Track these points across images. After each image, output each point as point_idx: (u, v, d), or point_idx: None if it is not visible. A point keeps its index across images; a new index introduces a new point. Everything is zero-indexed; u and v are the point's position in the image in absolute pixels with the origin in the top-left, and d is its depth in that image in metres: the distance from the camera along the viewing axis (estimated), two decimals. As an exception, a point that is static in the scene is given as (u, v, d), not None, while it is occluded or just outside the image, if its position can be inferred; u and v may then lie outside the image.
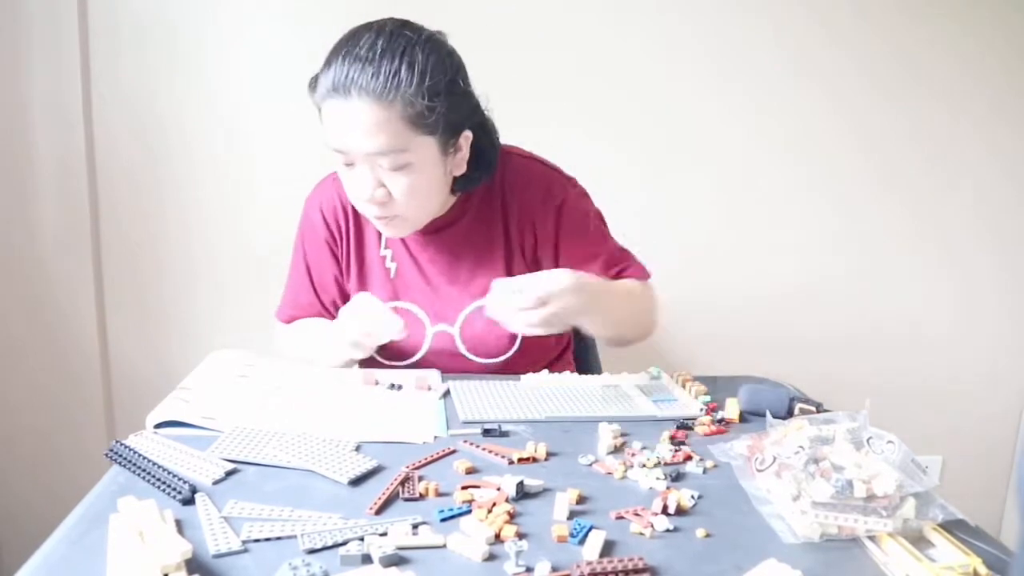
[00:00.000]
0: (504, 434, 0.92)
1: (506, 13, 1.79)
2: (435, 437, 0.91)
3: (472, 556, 0.65)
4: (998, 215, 2.01)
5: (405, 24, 1.07)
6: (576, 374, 1.15)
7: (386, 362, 1.22)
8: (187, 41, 1.75)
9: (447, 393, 1.05)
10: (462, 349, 1.21)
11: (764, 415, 0.87)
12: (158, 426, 0.90)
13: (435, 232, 1.20)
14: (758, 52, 1.87)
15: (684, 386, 1.10)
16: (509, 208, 1.20)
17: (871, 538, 0.70)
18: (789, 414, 0.98)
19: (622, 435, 0.91)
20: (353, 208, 1.20)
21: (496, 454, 0.86)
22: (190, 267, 1.85)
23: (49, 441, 1.86)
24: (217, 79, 1.78)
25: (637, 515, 0.73)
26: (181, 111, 1.77)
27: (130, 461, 0.79)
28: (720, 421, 0.99)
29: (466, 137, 1.11)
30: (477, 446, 0.88)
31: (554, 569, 0.63)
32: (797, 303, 2.02)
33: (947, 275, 2.04)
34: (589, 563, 0.63)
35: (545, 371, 1.14)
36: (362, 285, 1.24)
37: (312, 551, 0.65)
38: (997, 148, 1.98)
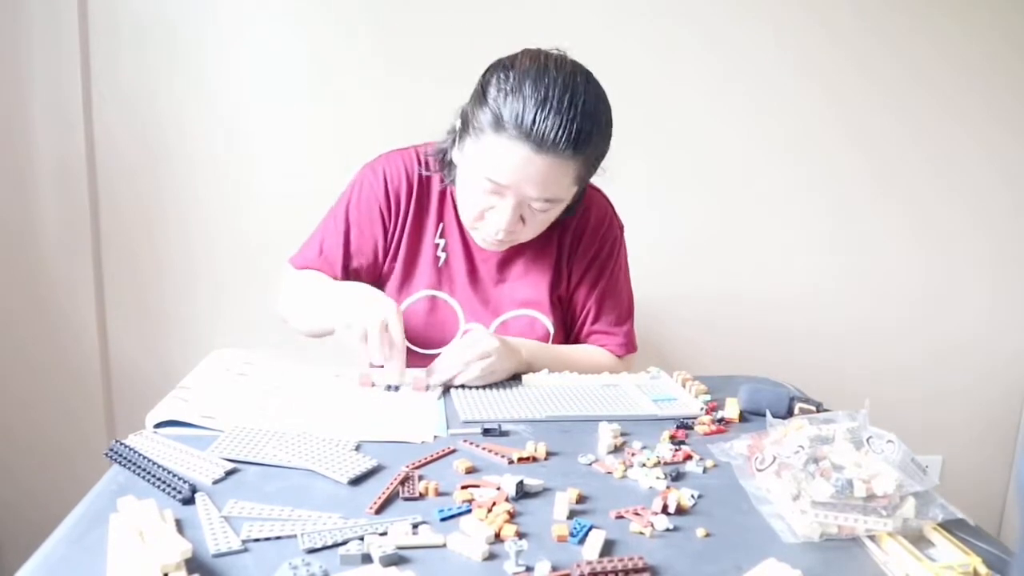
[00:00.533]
0: (504, 434, 0.92)
1: (505, 14, 1.79)
2: (435, 437, 0.91)
3: (472, 556, 0.65)
4: (997, 216, 2.02)
5: (588, 74, 1.06)
6: (576, 374, 1.15)
7: (410, 345, 1.21)
8: (187, 41, 1.75)
9: (446, 391, 1.05)
10: None
11: (764, 415, 0.87)
12: (158, 426, 0.90)
13: None
14: (758, 53, 1.88)
15: (684, 385, 1.10)
16: (564, 228, 1.23)
17: (871, 538, 0.70)
18: (789, 414, 0.98)
19: (622, 435, 0.91)
20: (418, 188, 1.21)
21: (496, 454, 0.86)
22: (190, 267, 1.85)
23: (49, 440, 1.86)
24: (217, 79, 1.78)
25: (637, 515, 0.73)
26: (181, 111, 1.78)
27: (130, 461, 0.79)
28: (720, 421, 0.99)
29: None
30: (477, 446, 0.88)
31: (554, 569, 0.63)
32: (796, 303, 2.02)
33: (947, 275, 2.04)
34: (589, 563, 0.63)
35: (545, 371, 1.15)
36: (407, 266, 1.22)
37: (312, 551, 0.65)
38: (995, 149, 1.98)
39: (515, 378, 1.12)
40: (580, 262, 1.25)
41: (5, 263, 1.78)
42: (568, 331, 1.31)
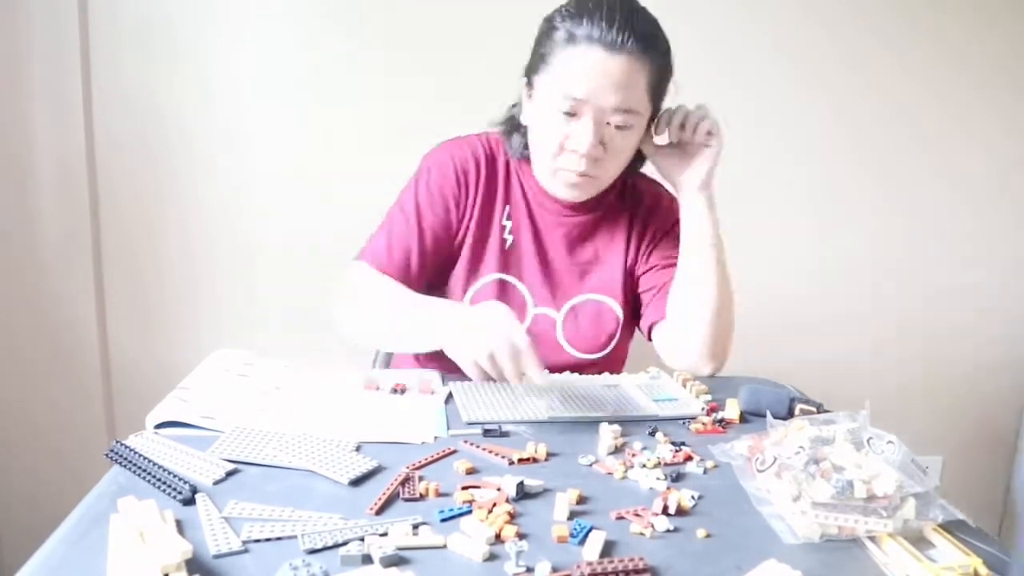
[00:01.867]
0: (504, 434, 0.92)
1: (504, 14, 1.78)
2: (435, 438, 0.91)
3: (472, 556, 0.65)
4: (997, 216, 2.02)
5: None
6: (577, 374, 1.15)
7: None
8: (187, 40, 1.75)
9: (450, 397, 1.05)
10: (560, 337, 1.21)
11: (764, 415, 0.87)
12: (158, 427, 0.90)
13: (574, 213, 1.20)
14: (757, 53, 1.88)
15: (684, 385, 1.10)
16: (634, 215, 1.23)
17: (871, 538, 0.70)
18: (789, 414, 0.98)
19: (622, 435, 0.91)
20: (486, 170, 1.19)
21: (496, 454, 0.86)
22: (190, 267, 1.85)
23: (49, 441, 1.86)
24: (217, 79, 1.78)
25: (637, 515, 0.73)
26: (181, 110, 1.78)
27: (130, 461, 0.79)
28: (720, 421, 0.99)
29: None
30: (477, 446, 0.88)
31: (554, 569, 0.63)
32: (796, 303, 2.02)
33: (946, 275, 2.04)
34: (589, 563, 0.63)
35: (545, 370, 1.15)
36: (475, 250, 1.19)
37: (312, 551, 0.65)
38: (997, 150, 1.98)
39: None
40: (650, 238, 1.23)
41: (5, 263, 1.78)
42: (636, 313, 1.27)
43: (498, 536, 0.68)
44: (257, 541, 0.67)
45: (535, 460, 0.85)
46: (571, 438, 0.92)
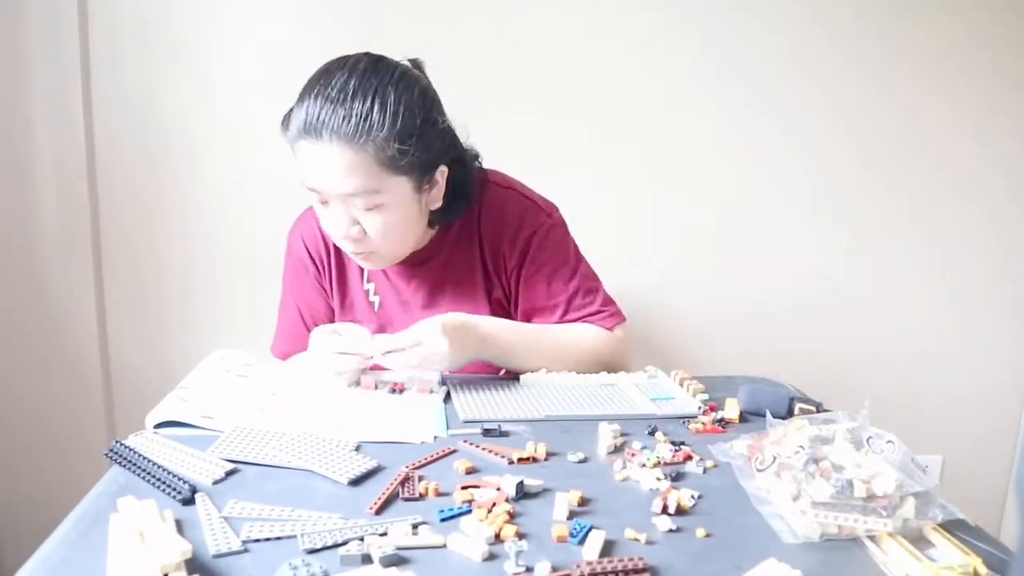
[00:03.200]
0: (504, 434, 0.92)
1: (504, 15, 1.79)
2: (435, 437, 0.91)
3: (472, 556, 0.65)
4: (998, 216, 2.01)
5: (379, 60, 1.06)
6: (575, 374, 1.15)
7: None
8: (187, 41, 1.75)
9: (448, 397, 1.05)
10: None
11: (764, 415, 0.87)
12: (158, 426, 0.90)
13: (417, 264, 1.21)
14: (755, 52, 1.87)
15: (682, 384, 1.10)
16: (484, 238, 1.21)
17: (871, 538, 0.70)
18: (789, 414, 0.98)
19: (622, 435, 0.91)
20: (333, 243, 1.20)
21: (496, 454, 0.86)
22: (190, 267, 1.85)
23: (49, 441, 1.86)
24: (217, 79, 1.77)
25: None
26: (181, 111, 1.77)
27: (130, 461, 0.79)
28: (720, 421, 0.99)
29: (441, 172, 1.11)
30: (477, 446, 0.88)
31: (554, 569, 0.63)
32: (796, 303, 2.01)
33: (947, 275, 2.04)
34: (589, 563, 0.63)
35: (543, 370, 1.15)
36: (346, 314, 1.25)
37: (312, 551, 0.65)
38: (999, 148, 1.98)
39: (515, 378, 1.12)
40: (508, 264, 1.21)
41: (5, 263, 1.78)
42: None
43: (498, 536, 0.68)
44: (257, 541, 0.67)
45: (535, 460, 0.85)
46: (571, 438, 0.92)
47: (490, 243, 1.20)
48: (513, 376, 1.13)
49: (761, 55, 1.88)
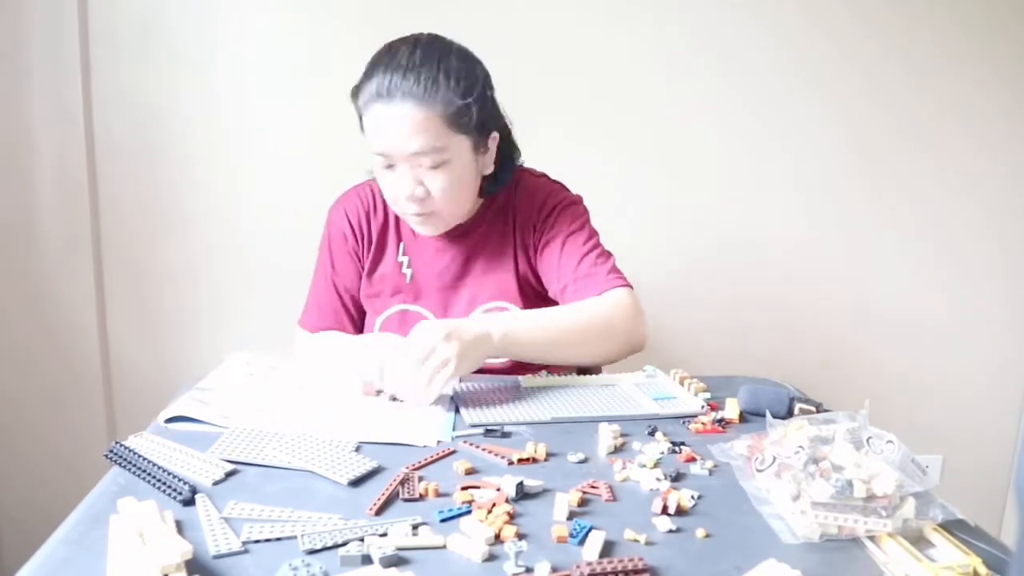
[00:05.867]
0: (506, 435, 0.92)
1: (503, 15, 1.79)
2: (438, 441, 0.90)
3: (472, 556, 0.65)
4: (994, 213, 2.02)
5: (437, 37, 1.18)
6: (575, 374, 1.15)
7: None
8: (187, 41, 1.75)
9: (455, 408, 1.02)
10: None
11: (764, 415, 0.87)
12: (169, 420, 0.91)
13: (458, 236, 1.26)
14: (754, 52, 1.87)
15: (682, 384, 1.10)
16: (517, 216, 1.28)
17: (871, 538, 0.70)
18: (789, 414, 0.98)
19: (622, 435, 0.91)
20: (376, 216, 1.29)
21: (496, 454, 0.86)
22: (190, 267, 1.85)
23: (49, 441, 1.86)
24: (217, 79, 1.78)
25: (593, 487, 0.78)
26: (181, 111, 1.78)
27: (130, 462, 0.79)
28: (720, 421, 0.99)
29: (493, 138, 1.21)
30: (477, 447, 0.88)
31: (554, 569, 0.63)
32: (796, 303, 2.01)
33: (946, 275, 2.04)
34: (589, 563, 0.63)
35: (544, 372, 1.15)
36: (377, 286, 1.29)
37: (312, 552, 0.65)
38: (999, 149, 1.98)
39: (514, 379, 1.12)
40: (533, 238, 1.27)
41: (5, 263, 1.78)
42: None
43: (498, 536, 0.68)
44: (257, 542, 0.67)
45: (535, 460, 0.85)
46: (571, 438, 0.92)
47: (522, 220, 1.27)
48: (514, 379, 1.14)
49: (764, 59, 1.88)
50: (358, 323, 1.33)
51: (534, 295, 1.28)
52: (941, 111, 1.94)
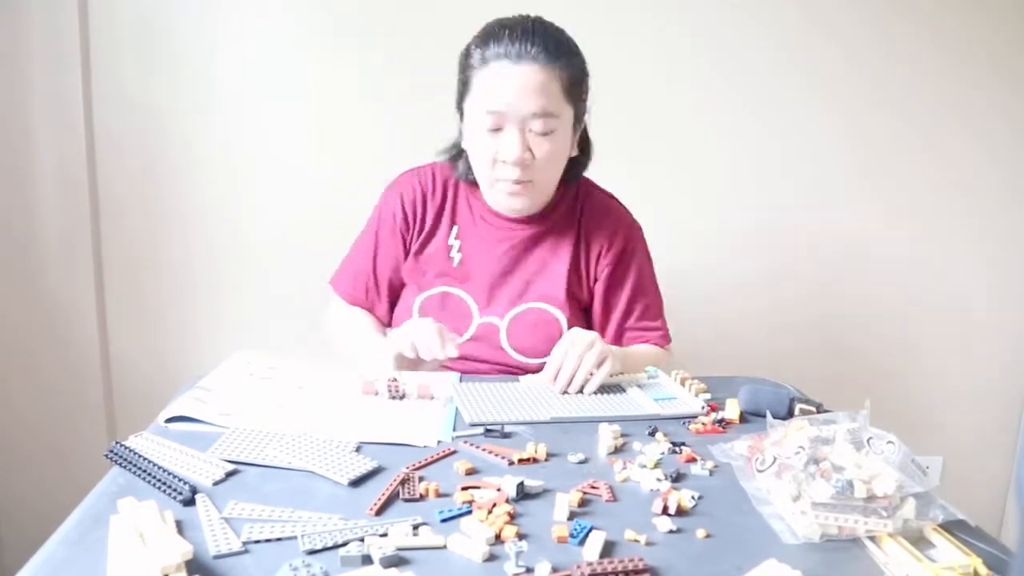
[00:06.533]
0: (506, 435, 0.92)
1: (499, 15, 1.78)
2: (438, 442, 0.90)
3: (472, 557, 0.65)
4: (998, 215, 2.02)
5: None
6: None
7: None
8: (187, 41, 1.75)
9: (452, 400, 1.04)
10: (505, 343, 1.24)
11: (764, 415, 0.87)
12: (169, 420, 0.91)
13: (520, 224, 1.27)
14: (754, 52, 1.87)
15: (683, 384, 1.10)
16: (583, 232, 1.29)
17: (871, 538, 0.70)
18: (789, 414, 0.98)
19: (622, 436, 0.91)
20: (433, 199, 1.30)
21: (496, 455, 0.86)
22: (190, 267, 1.85)
23: (49, 441, 1.86)
24: (217, 79, 1.78)
25: (594, 487, 0.77)
26: (181, 111, 1.77)
27: (130, 462, 0.79)
28: (720, 422, 0.99)
29: (585, 119, 1.25)
30: (477, 447, 0.88)
31: (554, 570, 0.63)
32: (797, 303, 2.01)
33: (946, 275, 2.04)
34: (589, 564, 0.63)
35: (543, 374, 1.15)
36: (423, 266, 1.29)
37: (312, 552, 0.65)
38: (999, 149, 1.98)
39: (514, 379, 1.12)
40: (604, 260, 1.29)
41: (5, 263, 1.78)
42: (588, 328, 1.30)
43: (498, 536, 0.68)
44: (257, 542, 0.67)
45: (535, 460, 0.85)
46: (572, 439, 0.92)
47: (590, 238, 1.30)
48: (512, 377, 1.14)
49: (761, 56, 1.88)
50: (388, 303, 1.34)
51: (577, 306, 1.29)
52: (945, 108, 1.94)
